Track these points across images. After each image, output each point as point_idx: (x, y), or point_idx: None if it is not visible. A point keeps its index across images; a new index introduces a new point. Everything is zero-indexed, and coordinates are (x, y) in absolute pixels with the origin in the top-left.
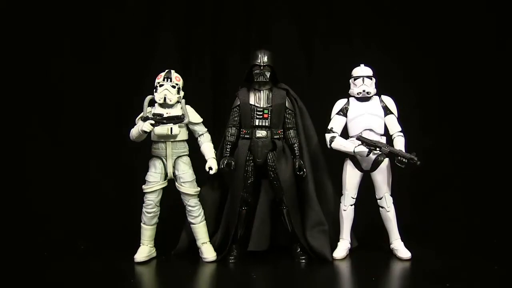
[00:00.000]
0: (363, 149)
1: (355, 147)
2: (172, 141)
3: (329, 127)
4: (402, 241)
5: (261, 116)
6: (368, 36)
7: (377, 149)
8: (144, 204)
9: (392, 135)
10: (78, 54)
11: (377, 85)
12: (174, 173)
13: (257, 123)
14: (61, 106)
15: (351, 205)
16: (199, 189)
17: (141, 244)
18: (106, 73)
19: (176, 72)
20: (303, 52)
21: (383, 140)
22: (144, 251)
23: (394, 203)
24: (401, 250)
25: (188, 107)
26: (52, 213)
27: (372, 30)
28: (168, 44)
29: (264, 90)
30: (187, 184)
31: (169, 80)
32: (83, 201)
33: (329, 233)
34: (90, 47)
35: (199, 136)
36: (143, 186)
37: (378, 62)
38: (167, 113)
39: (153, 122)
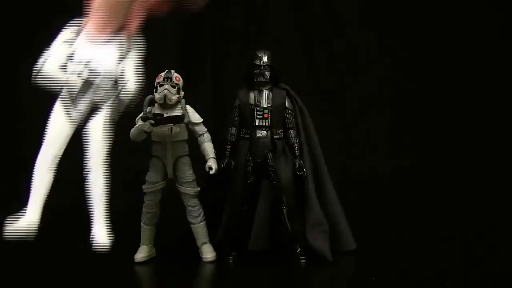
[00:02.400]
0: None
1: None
2: (172, 141)
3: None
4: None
5: (261, 116)
6: (368, 36)
7: None
8: (144, 204)
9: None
10: None
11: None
12: (174, 173)
13: (257, 123)
14: None
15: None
16: (199, 189)
17: (141, 244)
18: None
19: (176, 72)
20: (303, 52)
21: None
22: (144, 251)
23: (392, 203)
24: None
25: (188, 107)
26: (52, 213)
27: (372, 29)
28: (168, 44)
29: (264, 90)
30: (187, 184)
31: (169, 80)
32: (83, 201)
33: (329, 233)
34: None
35: (199, 136)
36: (143, 186)
37: (378, 62)
38: (167, 113)
39: (153, 122)
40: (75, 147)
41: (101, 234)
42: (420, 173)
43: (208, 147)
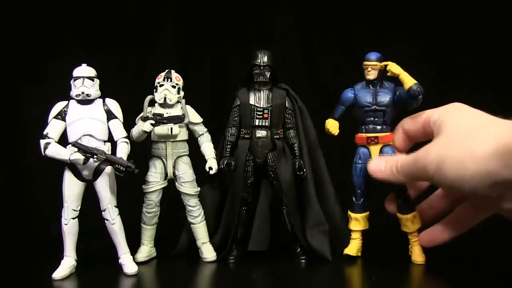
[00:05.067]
0: (79, 156)
1: (71, 154)
2: (172, 141)
3: (44, 133)
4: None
5: (261, 116)
6: (367, 35)
7: (94, 156)
8: (144, 204)
9: (116, 141)
10: (77, 54)
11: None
12: (174, 173)
13: (257, 123)
14: None
15: (73, 219)
16: (199, 189)
17: (141, 244)
18: (106, 73)
19: (176, 72)
20: (303, 52)
21: (107, 146)
22: (144, 251)
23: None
24: (127, 265)
25: (188, 107)
26: (52, 213)
27: (372, 28)
28: (168, 45)
29: (264, 90)
30: (187, 184)
31: (169, 80)
32: (83, 201)
33: (329, 233)
34: (89, 46)
35: (199, 136)
36: (143, 186)
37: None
38: (167, 113)
39: (153, 122)
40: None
41: (129, 263)
42: None
43: (208, 147)
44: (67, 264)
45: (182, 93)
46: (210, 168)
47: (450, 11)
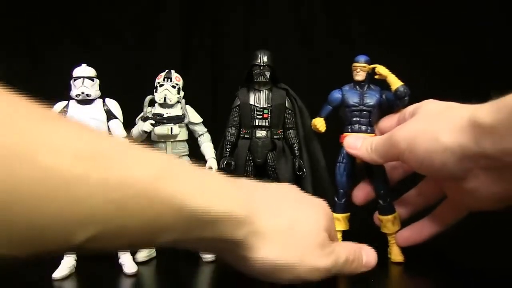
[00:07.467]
0: None
1: None
2: (172, 141)
3: None
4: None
5: (261, 116)
6: (369, 34)
7: None
8: None
9: None
10: (77, 54)
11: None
12: None
13: (257, 123)
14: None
15: None
16: None
17: None
18: (105, 73)
19: (176, 72)
20: (303, 52)
21: None
22: (144, 251)
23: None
24: (127, 265)
25: (188, 107)
26: None
27: (374, 27)
28: (168, 44)
29: (264, 90)
30: None
31: (169, 80)
32: None
33: None
34: (89, 46)
35: (199, 136)
36: None
37: (379, 61)
38: (167, 113)
39: (153, 122)
40: None
41: (129, 263)
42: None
43: (208, 147)
44: (67, 264)
45: (182, 93)
46: (210, 168)
47: (450, 11)
